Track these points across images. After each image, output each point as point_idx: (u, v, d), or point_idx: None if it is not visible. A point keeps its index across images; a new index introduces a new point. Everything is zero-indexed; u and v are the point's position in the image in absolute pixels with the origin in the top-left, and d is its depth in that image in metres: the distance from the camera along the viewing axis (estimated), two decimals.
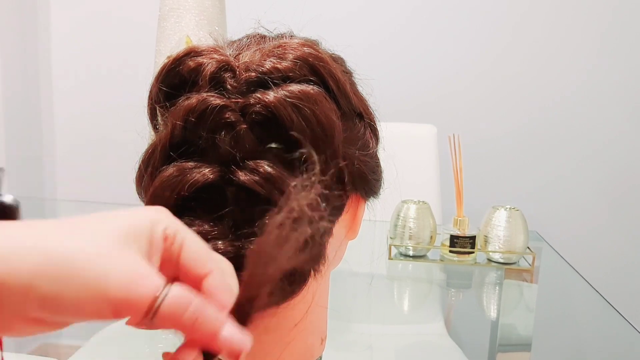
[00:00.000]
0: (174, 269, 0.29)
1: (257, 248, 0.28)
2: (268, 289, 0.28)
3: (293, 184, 0.29)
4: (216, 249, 0.35)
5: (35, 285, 0.24)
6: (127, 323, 0.27)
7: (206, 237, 0.35)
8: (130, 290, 0.26)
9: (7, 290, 0.24)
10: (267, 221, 0.30)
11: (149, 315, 0.26)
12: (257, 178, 0.36)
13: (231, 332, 0.27)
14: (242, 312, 0.29)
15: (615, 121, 1.93)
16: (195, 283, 0.29)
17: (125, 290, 0.25)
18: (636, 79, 1.91)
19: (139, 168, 0.40)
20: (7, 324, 0.25)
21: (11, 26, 2.07)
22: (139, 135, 0.46)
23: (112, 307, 0.25)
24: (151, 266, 0.27)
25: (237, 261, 0.35)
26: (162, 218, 0.29)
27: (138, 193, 0.41)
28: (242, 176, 0.36)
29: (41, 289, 0.24)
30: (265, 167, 0.36)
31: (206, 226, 0.36)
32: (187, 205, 0.36)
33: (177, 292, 0.27)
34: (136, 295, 0.26)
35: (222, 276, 0.29)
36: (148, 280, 0.26)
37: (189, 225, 0.36)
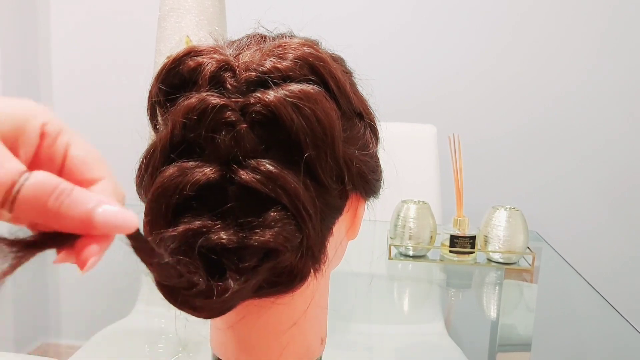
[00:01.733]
0: (57, 173, 0.25)
1: None
2: None
3: None
4: (220, 241, 0.35)
5: None
6: None
7: (210, 231, 0.35)
8: None
9: None
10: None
11: (8, 203, 0.23)
12: (259, 177, 0.36)
13: (109, 210, 0.24)
14: None
15: (615, 121, 1.93)
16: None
17: None
18: (636, 79, 1.91)
19: (139, 168, 0.40)
20: None
21: (11, 26, 2.07)
22: (139, 135, 0.46)
23: None
24: (8, 153, 0.24)
25: (242, 251, 0.35)
26: (41, 113, 0.26)
27: (138, 193, 0.41)
28: (244, 175, 0.36)
29: None
30: (267, 165, 0.36)
31: (209, 222, 0.36)
32: (188, 204, 0.36)
33: (40, 176, 0.24)
34: None
35: (115, 184, 0.26)
36: (2, 165, 0.24)
37: (191, 222, 0.36)
